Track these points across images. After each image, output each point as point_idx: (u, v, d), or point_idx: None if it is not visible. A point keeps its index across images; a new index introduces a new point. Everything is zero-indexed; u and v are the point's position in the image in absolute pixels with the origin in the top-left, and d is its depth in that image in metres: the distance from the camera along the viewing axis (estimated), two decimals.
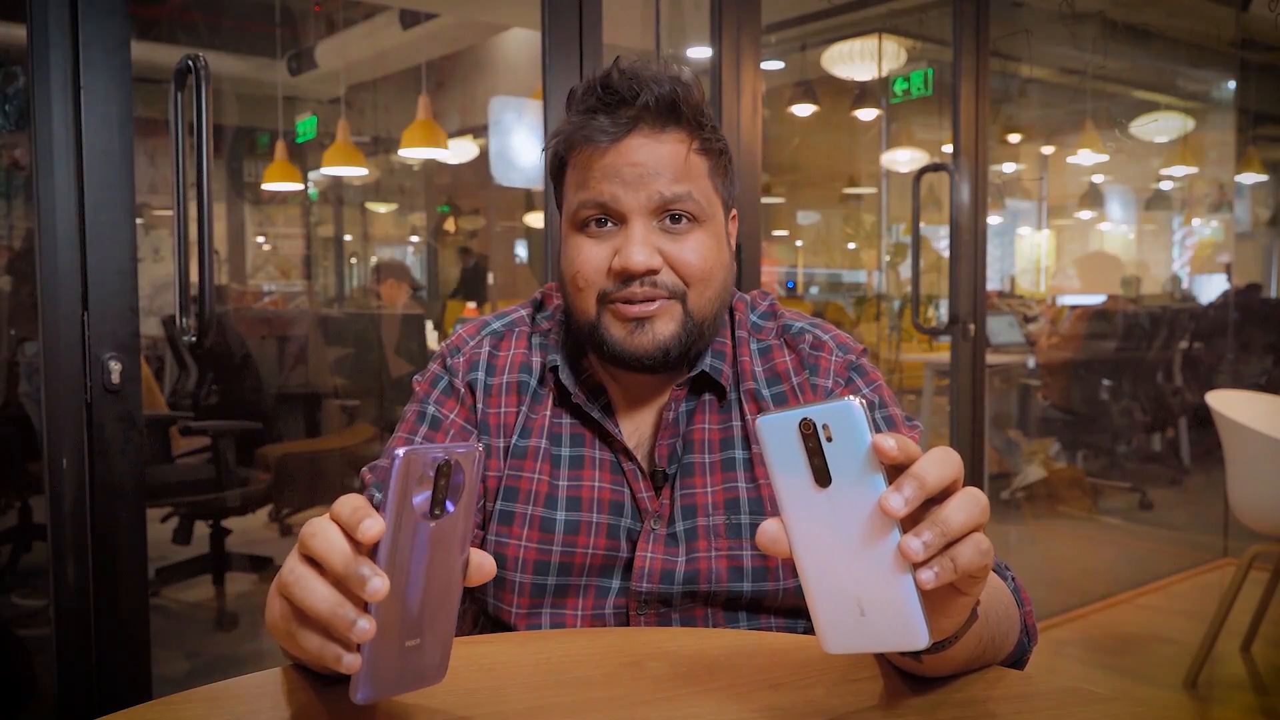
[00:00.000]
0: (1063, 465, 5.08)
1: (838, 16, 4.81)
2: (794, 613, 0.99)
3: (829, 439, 0.59)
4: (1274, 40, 4.99)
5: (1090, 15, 4.26)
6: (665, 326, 0.96)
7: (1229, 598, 2.73)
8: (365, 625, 0.58)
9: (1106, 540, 4.53)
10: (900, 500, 0.58)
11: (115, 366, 1.57)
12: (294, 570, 0.61)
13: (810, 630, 1.01)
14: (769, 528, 0.63)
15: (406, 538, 0.60)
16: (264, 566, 3.35)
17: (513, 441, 1.01)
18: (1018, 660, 0.86)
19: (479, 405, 1.03)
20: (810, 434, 0.59)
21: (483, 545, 1.00)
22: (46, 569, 1.58)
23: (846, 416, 0.59)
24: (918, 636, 0.59)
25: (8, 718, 1.99)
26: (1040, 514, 4.77)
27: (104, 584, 1.59)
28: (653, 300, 0.95)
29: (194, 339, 1.65)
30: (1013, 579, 0.90)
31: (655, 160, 0.95)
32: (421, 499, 0.60)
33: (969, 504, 0.60)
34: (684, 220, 0.96)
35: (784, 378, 1.03)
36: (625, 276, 0.95)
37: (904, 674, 0.77)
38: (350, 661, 0.59)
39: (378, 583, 0.58)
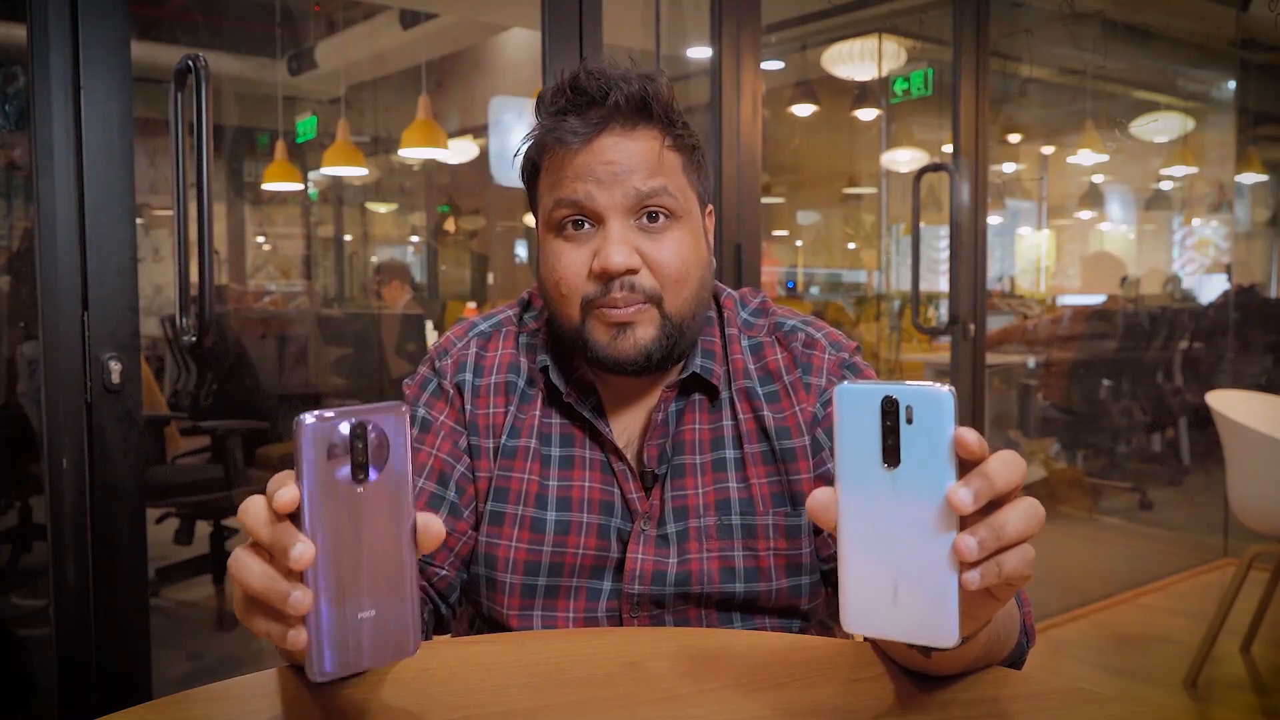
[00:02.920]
0: (1063, 465, 5.08)
1: (838, 16, 4.81)
2: (788, 613, 0.99)
3: (909, 421, 0.58)
4: (1274, 40, 4.99)
5: (1090, 15, 4.26)
6: (645, 332, 0.95)
7: (1229, 598, 2.73)
8: (299, 596, 0.57)
9: (1106, 540, 4.53)
10: (970, 495, 0.57)
11: (115, 366, 1.57)
12: (235, 552, 0.61)
13: (805, 630, 1.01)
14: (820, 495, 0.62)
15: (332, 505, 0.58)
16: None
17: (502, 442, 1.01)
18: (1016, 661, 0.86)
19: (467, 406, 1.03)
20: (891, 412, 0.59)
21: (475, 547, 1.00)
22: (46, 569, 1.58)
23: (936, 403, 0.58)
24: (949, 635, 0.59)
25: (8, 718, 1.99)
26: None
27: (104, 584, 1.59)
28: (632, 306, 0.95)
29: (194, 339, 1.65)
30: None
31: (629, 157, 0.94)
32: (342, 464, 0.59)
33: (1028, 513, 0.59)
34: (661, 217, 0.95)
35: (776, 376, 1.02)
36: (606, 278, 0.94)
37: (906, 673, 0.77)
38: (294, 637, 0.58)
39: (300, 548, 0.57)
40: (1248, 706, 2.68)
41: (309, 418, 0.58)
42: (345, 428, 0.59)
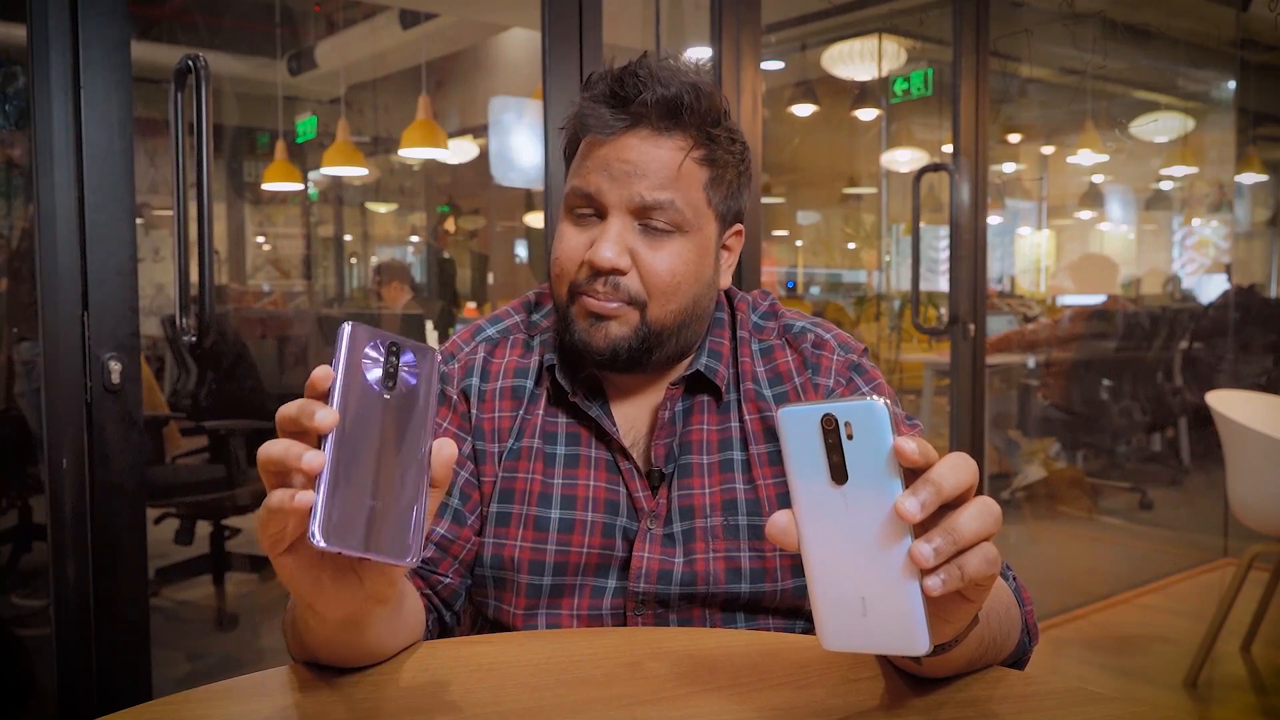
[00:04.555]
0: (1063, 465, 5.08)
1: (838, 16, 4.81)
2: (792, 613, 0.99)
3: (850, 437, 0.59)
4: (1274, 40, 4.99)
5: (1090, 15, 4.25)
6: (618, 329, 0.96)
7: (1229, 598, 2.73)
8: (313, 455, 0.60)
9: (1106, 540, 4.53)
10: (916, 505, 0.57)
11: (115, 366, 1.57)
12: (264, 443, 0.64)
13: (809, 630, 1.01)
14: (779, 519, 0.62)
15: (358, 400, 0.62)
16: (264, 566, 3.35)
17: (508, 445, 1.01)
18: (1019, 660, 0.86)
19: (473, 411, 1.02)
20: (832, 430, 0.59)
21: (480, 549, 1.00)
22: (46, 569, 1.58)
23: (870, 416, 0.58)
24: (919, 643, 0.59)
25: (8, 718, 1.99)
26: (1040, 514, 4.77)
27: (104, 584, 1.59)
28: (611, 302, 0.95)
29: (194, 339, 1.65)
30: (1014, 579, 0.90)
31: (646, 161, 0.94)
32: (374, 369, 0.63)
33: (982, 513, 0.60)
34: (665, 228, 0.95)
35: (786, 378, 1.03)
36: (592, 270, 0.95)
37: (904, 674, 0.77)
38: (303, 497, 0.60)
39: (324, 413, 0.60)
40: (1248, 706, 2.68)
41: (350, 324, 0.63)
42: (382, 340, 0.64)
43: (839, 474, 0.59)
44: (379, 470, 0.63)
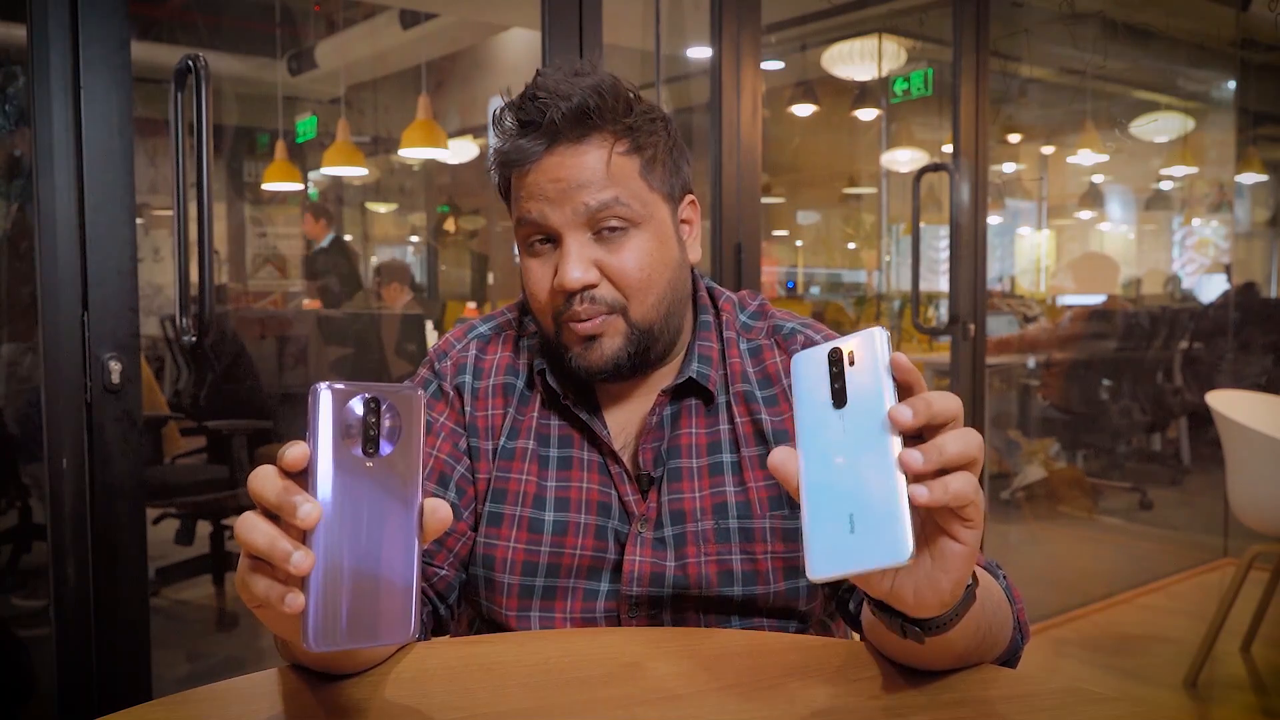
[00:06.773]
0: (1063, 465, 5.08)
1: (838, 16, 4.82)
2: (785, 614, 0.99)
3: (852, 364, 0.62)
4: (1274, 40, 4.99)
5: (1090, 15, 4.25)
6: (611, 342, 0.96)
7: (1229, 598, 2.73)
8: (300, 556, 0.57)
9: (1106, 540, 4.53)
10: (909, 413, 0.60)
11: (115, 366, 1.57)
12: (243, 515, 0.61)
13: (802, 630, 1.01)
14: (779, 452, 0.65)
15: (341, 475, 0.59)
16: None
17: (500, 443, 1.01)
18: (1010, 657, 0.86)
19: (467, 408, 1.03)
20: (836, 360, 0.63)
21: (473, 548, 1.00)
22: (46, 569, 1.58)
23: (870, 341, 0.62)
24: (903, 548, 0.59)
25: (8, 718, 1.99)
26: (1040, 514, 4.77)
27: (104, 584, 1.59)
28: (595, 318, 0.96)
29: (194, 339, 1.65)
30: (1004, 577, 0.90)
31: (576, 173, 0.94)
32: (354, 436, 0.60)
33: (966, 437, 0.62)
34: (618, 228, 0.95)
35: (775, 379, 1.02)
36: (566, 295, 0.95)
37: (904, 672, 0.77)
38: (292, 601, 0.58)
39: (308, 508, 0.57)
40: (1248, 706, 2.68)
41: (324, 386, 0.59)
42: (360, 400, 0.60)
43: (839, 398, 0.63)
44: (369, 550, 0.60)
